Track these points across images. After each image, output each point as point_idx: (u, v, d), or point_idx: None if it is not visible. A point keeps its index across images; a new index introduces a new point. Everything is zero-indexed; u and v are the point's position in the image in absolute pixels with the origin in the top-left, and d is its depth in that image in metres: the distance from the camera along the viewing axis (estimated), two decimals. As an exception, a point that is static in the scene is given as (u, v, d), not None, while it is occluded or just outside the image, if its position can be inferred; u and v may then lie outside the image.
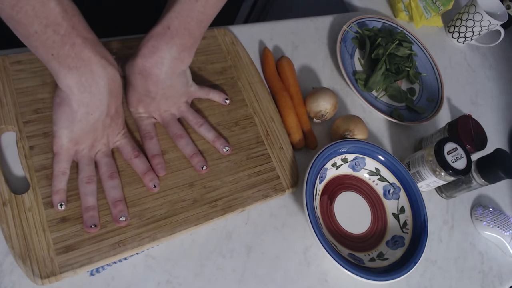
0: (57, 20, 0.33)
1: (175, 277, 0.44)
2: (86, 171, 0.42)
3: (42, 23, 0.32)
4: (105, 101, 0.40)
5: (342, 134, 0.58)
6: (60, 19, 0.33)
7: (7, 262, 0.39)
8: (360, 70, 0.73)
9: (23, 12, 0.31)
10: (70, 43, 0.35)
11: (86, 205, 0.41)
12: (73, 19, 0.34)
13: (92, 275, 0.41)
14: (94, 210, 0.41)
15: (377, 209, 0.58)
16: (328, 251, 0.46)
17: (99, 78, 0.38)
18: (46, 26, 0.33)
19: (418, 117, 0.71)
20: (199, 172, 0.48)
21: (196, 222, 0.45)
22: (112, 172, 0.43)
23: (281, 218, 0.52)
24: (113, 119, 0.43)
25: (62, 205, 0.40)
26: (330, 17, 0.78)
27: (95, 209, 0.41)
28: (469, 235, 0.65)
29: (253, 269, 0.47)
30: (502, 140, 0.82)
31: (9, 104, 0.44)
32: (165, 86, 0.45)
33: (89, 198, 0.41)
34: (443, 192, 0.66)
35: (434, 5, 0.86)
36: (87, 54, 0.36)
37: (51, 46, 0.34)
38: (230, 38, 0.61)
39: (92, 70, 0.37)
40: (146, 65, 0.42)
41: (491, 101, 0.88)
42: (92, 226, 0.40)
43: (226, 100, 0.54)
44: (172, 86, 0.46)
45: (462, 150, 0.56)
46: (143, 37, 0.43)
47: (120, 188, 0.43)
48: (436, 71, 0.79)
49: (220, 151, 0.51)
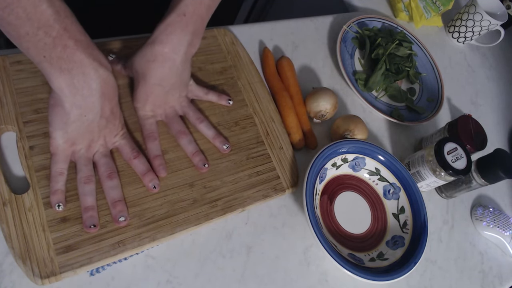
0: (49, 22, 0.33)
1: (175, 277, 0.44)
2: (84, 171, 0.42)
3: (33, 25, 0.32)
4: (98, 103, 0.40)
5: (342, 134, 0.58)
6: (52, 21, 0.33)
7: (7, 262, 0.39)
8: (360, 70, 0.73)
9: (14, 14, 0.31)
10: (62, 45, 0.35)
11: (85, 205, 0.41)
12: (65, 21, 0.34)
13: (92, 275, 0.41)
14: (93, 210, 0.41)
15: (377, 209, 0.58)
16: (328, 251, 0.46)
17: (91, 80, 0.38)
18: (38, 28, 0.33)
19: (418, 117, 0.71)
20: (200, 171, 0.48)
21: (196, 222, 0.45)
22: (110, 172, 0.43)
23: (281, 218, 0.52)
24: (109, 120, 0.43)
25: (60, 205, 0.40)
26: (330, 17, 0.78)
27: (94, 209, 0.41)
28: (469, 235, 0.65)
29: (253, 269, 0.47)
30: (502, 140, 0.82)
31: (9, 104, 0.44)
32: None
33: (88, 198, 0.41)
34: (443, 192, 0.66)
35: (434, 5, 0.86)
36: (79, 56, 0.36)
37: (42, 48, 0.34)
38: (230, 38, 0.61)
39: (84, 72, 0.37)
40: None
41: (491, 101, 0.88)
42: (92, 226, 0.40)
43: (229, 101, 0.54)
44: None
45: (462, 150, 0.56)
46: (143, 37, 0.43)
47: (120, 188, 0.43)
48: (436, 71, 0.79)
49: (219, 149, 0.51)
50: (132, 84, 0.50)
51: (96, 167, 0.44)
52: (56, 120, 0.40)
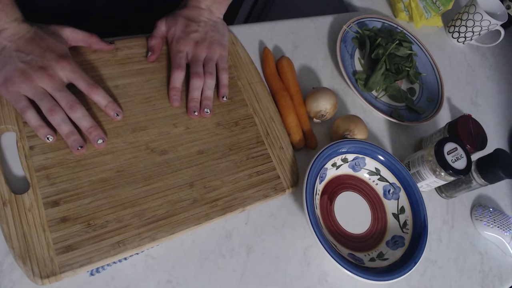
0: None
1: (175, 277, 0.44)
2: (44, 105, 0.42)
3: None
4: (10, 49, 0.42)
5: (342, 134, 0.58)
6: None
7: (7, 262, 0.39)
8: (360, 70, 0.73)
9: None
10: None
11: (64, 133, 0.43)
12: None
13: (92, 275, 0.41)
14: (74, 134, 0.43)
15: (377, 209, 0.58)
16: (328, 251, 0.46)
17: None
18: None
19: (418, 117, 0.71)
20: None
21: (196, 222, 0.45)
22: (71, 104, 0.43)
23: (281, 218, 0.52)
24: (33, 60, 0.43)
25: (49, 137, 0.42)
26: (330, 17, 0.78)
27: (74, 133, 0.43)
28: (469, 235, 0.65)
29: (253, 269, 0.47)
30: (502, 140, 0.82)
31: (9, 104, 0.44)
32: None
33: (63, 126, 0.43)
34: (443, 192, 0.66)
35: (434, 5, 0.86)
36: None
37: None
38: (230, 38, 0.61)
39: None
40: None
41: (491, 101, 0.88)
42: (79, 148, 0.43)
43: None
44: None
45: (462, 150, 0.56)
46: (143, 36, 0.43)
47: (88, 116, 0.44)
48: (436, 71, 0.79)
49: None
50: None
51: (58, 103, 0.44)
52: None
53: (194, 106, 0.51)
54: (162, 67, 0.54)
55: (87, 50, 0.50)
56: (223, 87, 0.55)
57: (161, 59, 0.55)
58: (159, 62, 0.54)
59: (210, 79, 0.53)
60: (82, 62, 0.49)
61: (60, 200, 0.41)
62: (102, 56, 0.51)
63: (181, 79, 0.52)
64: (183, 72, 0.52)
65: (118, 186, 0.44)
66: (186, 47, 0.54)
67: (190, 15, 0.56)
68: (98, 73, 0.50)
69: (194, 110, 0.51)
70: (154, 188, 0.45)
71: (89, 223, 0.41)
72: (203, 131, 0.52)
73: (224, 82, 0.55)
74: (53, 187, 0.41)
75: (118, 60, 0.52)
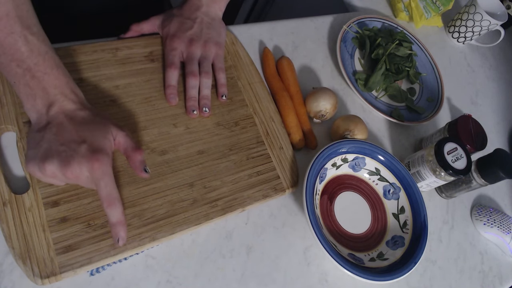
0: (22, 57, 0.37)
1: (175, 277, 0.44)
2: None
3: (7, 58, 0.37)
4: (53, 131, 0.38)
5: (342, 134, 0.58)
6: (25, 58, 0.37)
7: (7, 262, 0.39)
8: (360, 70, 0.73)
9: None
10: (30, 75, 0.38)
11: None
12: (37, 58, 0.38)
13: (92, 275, 0.41)
14: None
15: (377, 209, 0.58)
16: (328, 251, 0.46)
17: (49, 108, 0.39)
18: (11, 61, 0.37)
19: (418, 117, 0.71)
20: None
21: (196, 222, 0.45)
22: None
23: (281, 218, 0.52)
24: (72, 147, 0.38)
25: None
26: (330, 17, 0.78)
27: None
28: (469, 235, 0.65)
29: (253, 269, 0.47)
30: (502, 140, 0.82)
31: (9, 104, 0.44)
32: None
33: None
34: (443, 192, 0.66)
35: (434, 5, 0.86)
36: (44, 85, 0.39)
37: (14, 76, 0.38)
38: (230, 38, 0.61)
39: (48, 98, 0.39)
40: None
41: (491, 101, 0.88)
42: None
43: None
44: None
45: (462, 150, 0.56)
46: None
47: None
48: (436, 71, 0.79)
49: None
50: None
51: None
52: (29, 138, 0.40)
53: (192, 105, 0.51)
54: (162, 67, 0.54)
55: (87, 50, 0.50)
56: (221, 86, 0.55)
57: (161, 59, 0.55)
58: (159, 62, 0.54)
59: (206, 78, 0.53)
60: (82, 62, 0.49)
61: (60, 200, 0.41)
62: (102, 56, 0.51)
63: (176, 77, 0.52)
64: (176, 69, 0.52)
65: (118, 186, 0.44)
66: (180, 44, 0.53)
67: (186, 12, 0.56)
68: (98, 73, 0.50)
69: (192, 109, 0.51)
70: (154, 188, 0.45)
71: (89, 223, 0.41)
72: (203, 131, 0.52)
73: (222, 82, 0.55)
74: (53, 187, 0.41)
75: (118, 60, 0.52)
